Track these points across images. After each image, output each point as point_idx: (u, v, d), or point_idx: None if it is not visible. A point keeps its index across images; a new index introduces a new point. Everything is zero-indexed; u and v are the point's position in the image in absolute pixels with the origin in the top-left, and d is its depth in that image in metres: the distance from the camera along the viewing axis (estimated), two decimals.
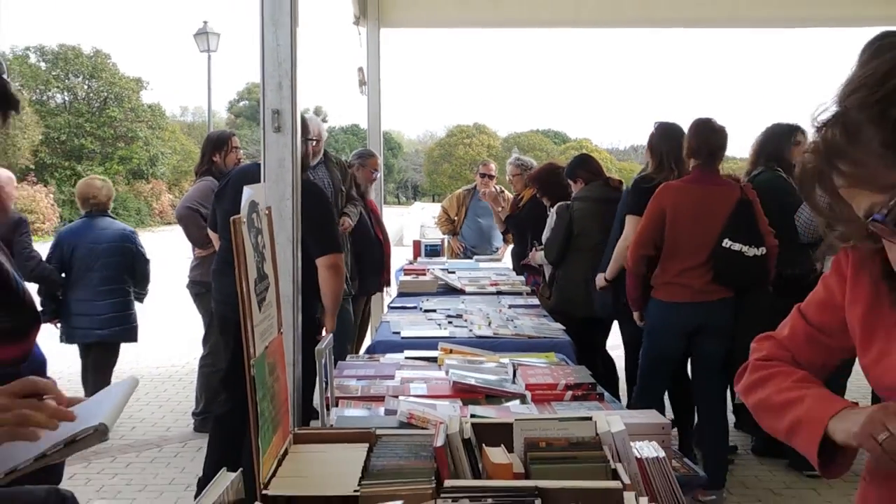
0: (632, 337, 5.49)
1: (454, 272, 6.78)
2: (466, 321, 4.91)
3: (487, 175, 8.64)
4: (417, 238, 9.02)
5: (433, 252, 8.62)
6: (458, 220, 8.93)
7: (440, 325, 4.86)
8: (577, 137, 68.81)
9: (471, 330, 4.65)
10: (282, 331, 2.13)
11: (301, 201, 3.84)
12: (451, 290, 6.16)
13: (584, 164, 6.29)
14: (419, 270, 6.92)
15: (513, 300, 5.77)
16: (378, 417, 2.88)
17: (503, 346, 4.28)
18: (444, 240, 9.00)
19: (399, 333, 4.61)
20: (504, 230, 8.40)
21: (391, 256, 7.16)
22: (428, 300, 5.72)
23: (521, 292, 6.15)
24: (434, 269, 6.77)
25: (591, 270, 5.66)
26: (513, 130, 73.45)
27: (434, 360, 3.83)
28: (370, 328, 7.38)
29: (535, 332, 4.65)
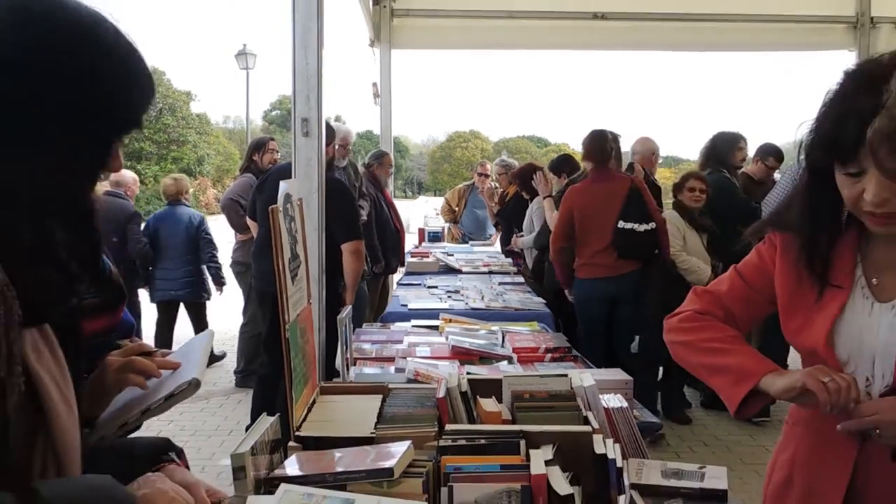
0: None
1: (453, 255, 6.77)
2: (463, 296, 4.91)
3: (484, 174, 8.72)
4: (422, 226, 9.02)
5: (435, 238, 8.64)
6: (459, 210, 8.95)
7: (441, 299, 4.87)
8: (557, 142, 68.42)
9: (467, 303, 4.66)
10: (310, 302, 2.15)
11: (329, 196, 3.87)
12: (451, 270, 6.15)
13: (568, 162, 6.49)
14: (423, 253, 6.92)
15: (502, 279, 5.77)
16: (389, 375, 2.89)
17: (494, 316, 4.28)
18: (445, 227, 9.03)
19: (406, 306, 4.62)
20: (495, 222, 8.44)
21: (405, 241, 7.20)
22: (431, 278, 5.73)
23: (509, 272, 6.15)
24: (436, 252, 6.78)
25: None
26: (502, 136, 73.41)
27: (436, 328, 3.82)
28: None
29: (520, 305, 4.67)
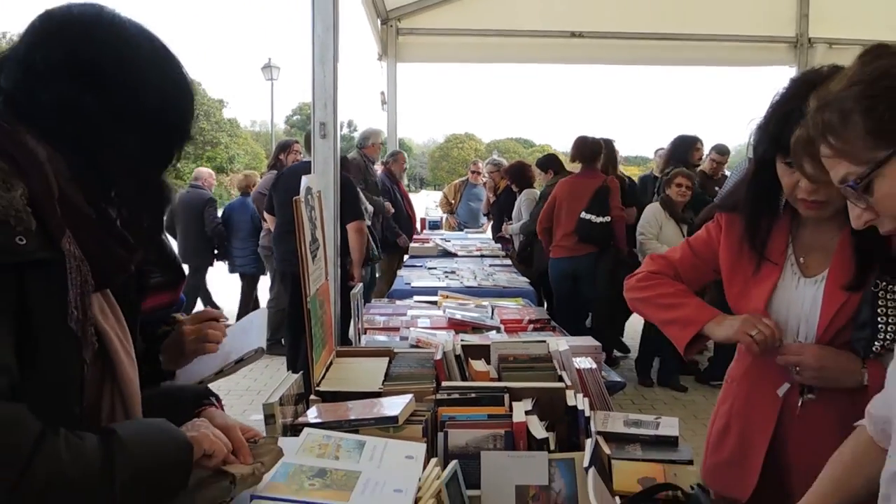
0: None
1: (450, 241, 6.77)
2: (458, 276, 4.92)
3: (476, 171, 8.86)
4: (423, 216, 9.05)
5: (434, 226, 8.69)
6: (455, 203, 8.96)
7: (439, 278, 4.87)
8: (541, 143, 68.23)
9: (462, 282, 4.67)
10: (328, 279, 2.19)
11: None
12: (448, 254, 6.14)
13: (554, 161, 6.69)
14: (424, 239, 6.93)
15: (492, 261, 5.78)
16: (395, 342, 2.90)
17: (485, 293, 4.28)
18: (443, 217, 9.06)
19: (410, 284, 4.62)
20: (487, 213, 8.51)
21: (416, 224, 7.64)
22: (430, 261, 5.72)
23: (498, 256, 6.17)
24: (435, 239, 6.78)
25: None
26: (493, 137, 73.12)
27: (435, 303, 3.84)
28: None
29: (507, 284, 4.68)
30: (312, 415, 1.62)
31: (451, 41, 7.99)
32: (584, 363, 2.09)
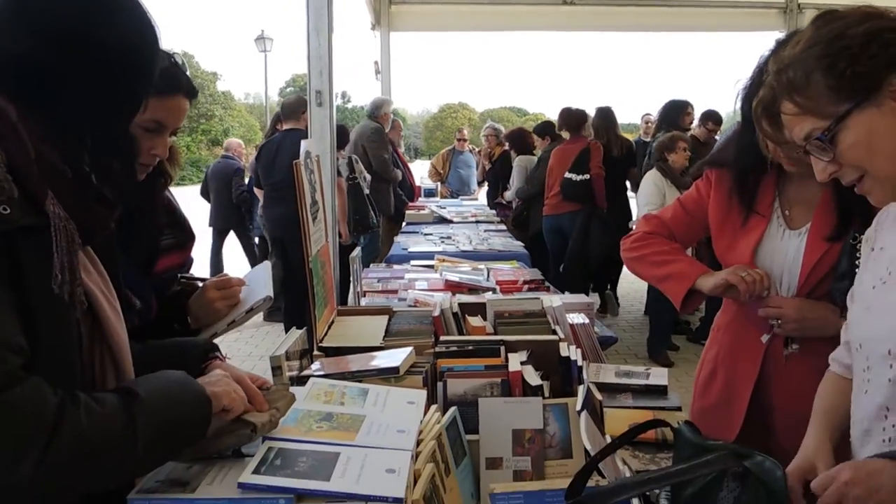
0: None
1: (445, 207, 6.80)
2: (454, 241, 4.94)
3: (462, 139, 8.96)
4: (419, 184, 9.05)
5: (430, 194, 8.73)
6: (444, 172, 8.93)
7: (436, 243, 4.88)
8: (534, 111, 67.83)
9: (457, 246, 4.69)
10: (328, 240, 2.22)
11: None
12: (443, 220, 6.15)
13: (551, 128, 6.88)
14: (420, 206, 6.93)
15: (486, 227, 5.79)
16: (394, 303, 2.90)
17: (480, 256, 4.29)
18: (437, 185, 9.07)
19: (407, 249, 4.65)
20: (481, 180, 8.51)
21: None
22: (427, 227, 5.73)
23: (492, 221, 6.20)
24: (431, 205, 6.79)
25: None
26: (487, 107, 72.51)
27: (432, 267, 3.85)
28: None
29: (502, 248, 4.70)
30: (316, 367, 1.66)
31: (444, 10, 7.93)
32: (577, 318, 2.14)
